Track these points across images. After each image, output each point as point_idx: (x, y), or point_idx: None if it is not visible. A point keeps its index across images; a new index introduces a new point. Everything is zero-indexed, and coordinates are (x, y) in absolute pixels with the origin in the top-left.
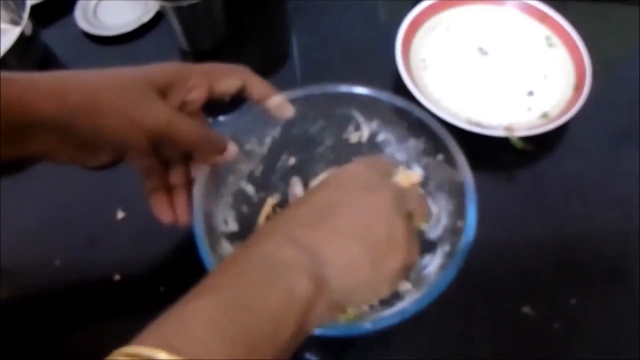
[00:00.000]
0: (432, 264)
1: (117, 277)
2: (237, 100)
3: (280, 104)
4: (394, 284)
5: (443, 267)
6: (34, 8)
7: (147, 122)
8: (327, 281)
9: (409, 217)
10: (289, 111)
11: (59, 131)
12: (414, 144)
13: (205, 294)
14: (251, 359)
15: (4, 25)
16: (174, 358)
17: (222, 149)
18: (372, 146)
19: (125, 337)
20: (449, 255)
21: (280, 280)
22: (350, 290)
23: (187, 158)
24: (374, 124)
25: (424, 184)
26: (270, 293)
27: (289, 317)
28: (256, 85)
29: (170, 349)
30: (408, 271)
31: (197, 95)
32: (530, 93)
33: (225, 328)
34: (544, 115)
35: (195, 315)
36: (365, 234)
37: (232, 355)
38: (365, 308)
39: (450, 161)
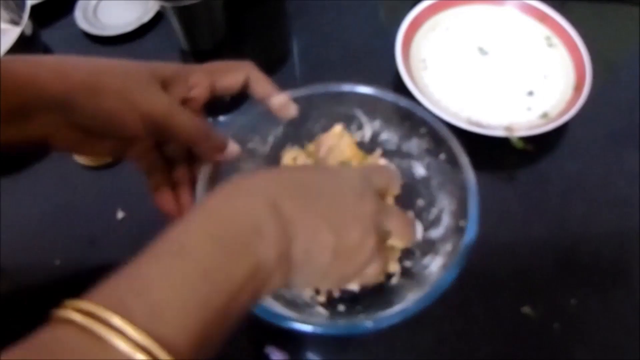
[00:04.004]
0: (434, 263)
1: None
2: (237, 100)
3: (283, 103)
4: (340, 286)
5: (445, 267)
6: (34, 8)
7: (147, 109)
8: (289, 259)
9: (385, 235)
10: (292, 110)
11: (60, 111)
12: (417, 143)
13: (169, 256)
14: (204, 331)
15: (4, 25)
16: (128, 325)
17: (222, 146)
18: (375, 145)
19: None
20: (451, 255)
21: (250, 250)
22: (301, 273)
23: (190, 158)
24: (377, 123)
25: (426, 183)
26: (237, 263)
27: (248, 289)
28: (260, 82)
29: (126, 314)
30: (361, 282)
31: (198, 92)
32: (530, 93)
33: (185, 298)
34: (544, 115)
35: (156, 280)
36: (339, 231)
37: (187, 327)
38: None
39: (452, 161)
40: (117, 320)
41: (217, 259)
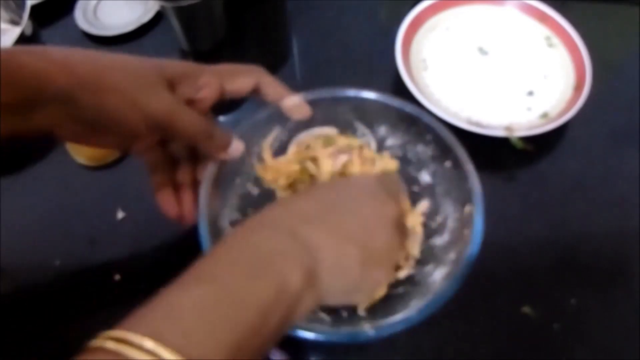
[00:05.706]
0: (437, 272)
1: (117, 277)
2: (237, 101)
3: (297, 104)
4: (373, 294)
5: (448, 275)
6: (34, 8)
7: (148, 107)
8: (317, 277)
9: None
10: (305, 111)
11: (65, 103)
12: (423, 150)
13: (196, 283)
14: (237, 352)
15: (4, 25)
16: (160, 348)
17: (225, 145)
18: (380, 151)
19: None
20: (454, 264)
21: (274, 270)
22: (334, 290)
23: (194, 158)
24: (382, 129)
25: (431, 190)
26: (261, 283)
27: (277, 309)
28: (271, 85)
29: (157, 338)
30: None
31: (207, 94)
32: (530, 93)
33: (214, 321)
34: (544, 115)
35: (185, 305)
36: (364, 241)
37: (219, 348)
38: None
39: (458, 168)
40: (149, 344)
41: (242, 281)
